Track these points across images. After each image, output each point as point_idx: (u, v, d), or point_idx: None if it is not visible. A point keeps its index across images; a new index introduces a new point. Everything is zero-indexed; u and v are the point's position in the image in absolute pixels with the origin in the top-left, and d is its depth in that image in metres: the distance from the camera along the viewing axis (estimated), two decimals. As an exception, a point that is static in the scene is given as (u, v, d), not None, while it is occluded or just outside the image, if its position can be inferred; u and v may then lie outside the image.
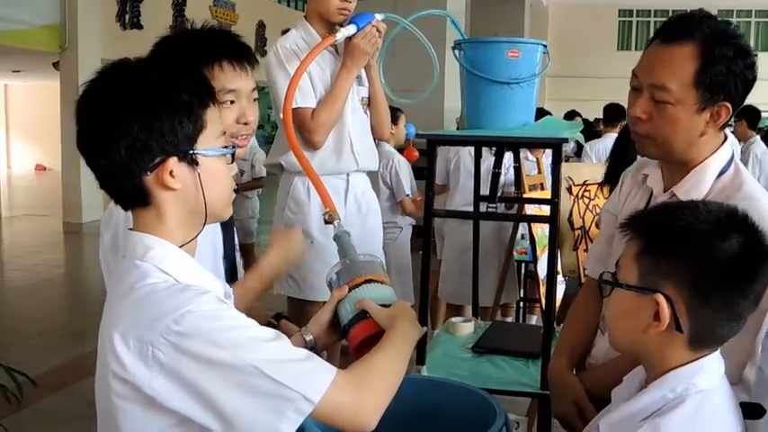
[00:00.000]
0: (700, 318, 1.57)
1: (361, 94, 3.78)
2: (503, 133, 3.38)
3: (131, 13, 16.38)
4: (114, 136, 1.58)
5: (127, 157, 1.58)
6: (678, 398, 1.58)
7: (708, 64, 2.01)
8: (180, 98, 1.62)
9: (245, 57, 2.23)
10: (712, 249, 1.53)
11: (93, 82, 1.64)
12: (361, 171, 3.82)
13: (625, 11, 33.52)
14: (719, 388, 1.63)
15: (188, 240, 1.69)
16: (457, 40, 3.46)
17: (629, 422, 1.62)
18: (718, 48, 2.02)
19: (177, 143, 1.61)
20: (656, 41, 2.10)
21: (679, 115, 2.06)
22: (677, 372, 1.60)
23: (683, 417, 1.55)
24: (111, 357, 1.53)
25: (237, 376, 1.50)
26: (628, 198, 2.43)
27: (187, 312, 1.50)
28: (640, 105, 2.10)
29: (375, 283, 2.02)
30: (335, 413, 1.58)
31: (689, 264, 1.55)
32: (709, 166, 2.14)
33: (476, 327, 3.95)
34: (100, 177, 1.66)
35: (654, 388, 1.62)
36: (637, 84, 2.13)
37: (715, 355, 1.64)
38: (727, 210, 1.61)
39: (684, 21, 2.07)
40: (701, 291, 1.55)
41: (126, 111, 1.58)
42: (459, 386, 2.29)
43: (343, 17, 3.61)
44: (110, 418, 1.59)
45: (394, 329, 1.83)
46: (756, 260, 1.55)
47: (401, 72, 4.29)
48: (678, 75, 2.03)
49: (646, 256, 1.61)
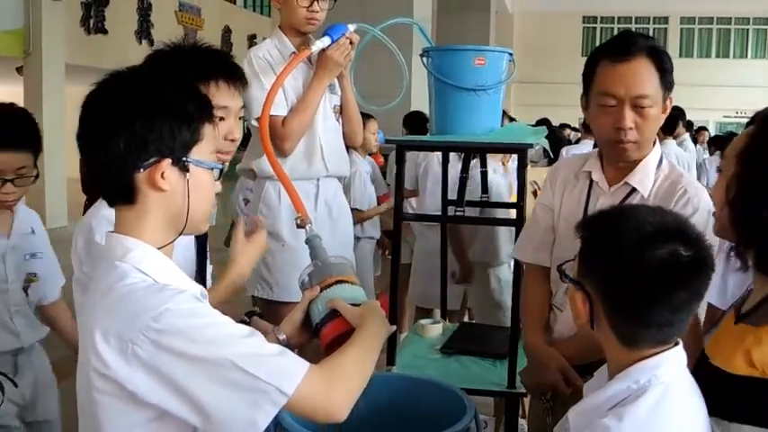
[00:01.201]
0: (617, 321, 1.68)
1: (333, 102, 3.84)
2: (469, 139, 3.45)
3: (96, 18, 16.33)
4: (117, 130, 1.65)
5: (124, 152, 1.65)
6: (641, 389, 1.66)
7: (663, 68, 2.45)
8: (185, 108, 1.71)
9: (238, 77, 2.31)
10: (625, 259, 1.63)
11: (105, 82, 1.73)
12: (332, 176, 3.88)
13: (589, 17, 33.88)
14: (681, 380, 1.71)
15: (166, 244, 1.75)
16: (425, 48, 3.53)
17: (596, 411, 1.70)
18: (662, 55, 2.47)
19: (173, 147, 1.69)
20: (608, 61, 2.45)
21: (656, 114, 2.46)
22: (641, 364, 1.68)
23: (646, 406, 1.63)
24: (92, 354, 1.59)
25: (214, 371, 1.56)
26: (565, 191, 2.71)
27: (165, 310, 1.57)
28: (629, 117, 2.43)
29: (345, 283, 2.08)
30: (308, 405, 1.65)
31: (603, 272, 1.68)
32: (651, 159, 2.54)
33: (444, 328, 4.03)
34: (94, 171, 1.72)
35: (619, 379, 1.70)
36: (613, 101, 2.44)
37: (677, 349, 1.72)
38: (665, 222, 1.69)
39: (628, 40, 2.46)
40: (613, 298, 1.67)
41: (133, 109, 1.66)
42: (431, 382, 2.37)
43: (313, 26, 3.68)
44: (91, 414, 1.65)
45: (364, 327, 1.89)
46: (672, 276, 1.62)
47: (371, 78, 4.34)
48: (651, 82, 2.43)
49: (581, 254, 1.75)
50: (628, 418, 1.61)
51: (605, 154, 2.60)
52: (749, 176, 1.86)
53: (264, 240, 2.44)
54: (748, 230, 1.87)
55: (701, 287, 1.67)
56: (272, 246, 3.66)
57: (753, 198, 1.84)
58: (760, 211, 1.82)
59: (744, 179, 1.87)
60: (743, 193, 1.87)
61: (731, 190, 1.90)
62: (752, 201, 1.84)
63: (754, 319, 1.84)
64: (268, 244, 3.07)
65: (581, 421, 1.75)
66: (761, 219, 1.82)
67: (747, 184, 1.86)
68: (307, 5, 3.61)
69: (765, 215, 1.82)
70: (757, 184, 1.84)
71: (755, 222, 1.83)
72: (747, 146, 1.92)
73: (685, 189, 2.48)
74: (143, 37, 18.00)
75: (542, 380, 2.58)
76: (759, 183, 1.84)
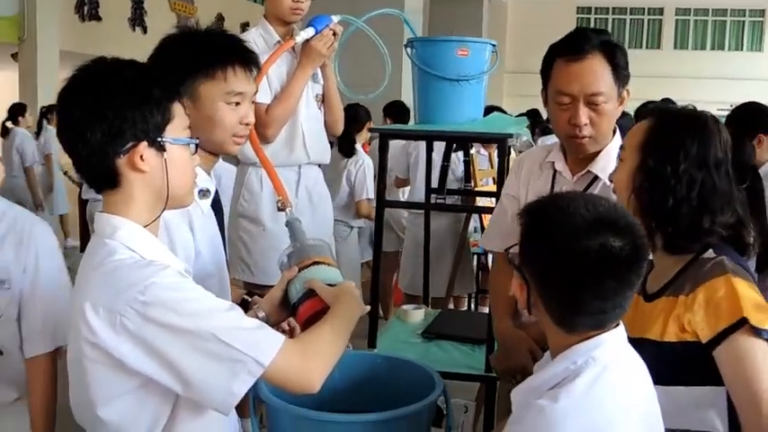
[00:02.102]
0: (552, 307, 1.73)
1: (315, 91, 3.91)
2: (452, 128, 3.55)
3: (90, 5, 16.33)
4: (92, 122, 1.74)
5: (102, 141, 1.75)
6: (578, 369, 1.70)
7: (616, 64, 2.52)
8: (151, 92, 1.79)
9: (254, 63, 2.35)
10: (557, 252, 1.68)
11: (74, 77, 1.81)
12: (313, 164, 3.96)
13: (583, 8, 33.68)
14: (621, 359, 1.75)
15: (151, 221, 1.85)
16: (409, 39, 3.61)
17: (536, 392, 1.74)
18: (615, 50, 2.54)
19: (147, 130, 1.78)
20: (564, 60, 2.54)
21: (611, 108, 2.55)
22: (579, 346, 1.73)
23: (581, 387, 1.67)
24: (83, 324, 1.69)
25: (196, 341, 1.66)
26: (530, 181, 2.78)
27: (151, 284, 1.67)
28: (583, 113, 2.51)
29: (323, 264, 2.17)
30: (283, 376, 1.75)
31: (539, 259, 1.73)
32: (612, 149, 2.59)
33: (426, 314, 4.13)
34: (77, 161, 1.82)
35: (558, 361, 1.76)
36: (568, 99, 2.53)
37: (618, 330, 1.77)
38: (602, 214, 1.72)
39: (581, 38, 2.54)
40: (546, 284, 1.73)
41: (104, 101, 1.75)
42: (403, 361, 2.45)
43: (298, 16, 3.76)
44: (81, 381, 1.75)
45: (338, 306, 1.98)
46: (604, 264, 1.67)
47: (359, 67, 4.41)
48: (605, 79, 2.51)
49: (521, 242, 1.79)
50: (563, 398, 1.65)
51: (565, 147, 2.69)
52: (653, 169, 2.05)
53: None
54: (657, 218, 2.05)
55: (633, 276, 1.70)
56: (253, 230, 3.77)
57: (659, 189, 2.03)
58: (666, 200, 2.01)
59: (647, 171, 2.06)
60: (649, 185, 2.05)
61: (635, 180, 2.08)
62: (658, 191, 2.03)
63: (674, 291, 2.01)
64: (248, 228, 3.14)
65: (521, 401, 1.80)
66: (667, 207, 2.02)
67: (652, 176, 2.05)
68: None
69: (672, 203, 2.01)
70: (661, 176, 2.03)
71: (663, 210, 2.03)
72: (648, 140, 2.09)
73: None
74: (136, 24, 18.01)
75: (512, 363, 2.62)
76: (662, 174, 2.03)
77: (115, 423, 1.75)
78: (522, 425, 1.70)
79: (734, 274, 1.91)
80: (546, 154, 2.79)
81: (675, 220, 2.02)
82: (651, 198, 2.04)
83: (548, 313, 1.75)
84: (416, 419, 2.11)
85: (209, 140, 2.27)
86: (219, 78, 2.24)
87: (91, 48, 15.72)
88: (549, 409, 1.63)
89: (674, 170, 2.01)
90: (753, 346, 1.86)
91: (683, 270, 2.03)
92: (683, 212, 2.01)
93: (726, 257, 1.97)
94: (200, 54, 2.25)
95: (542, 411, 1.64)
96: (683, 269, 2.03)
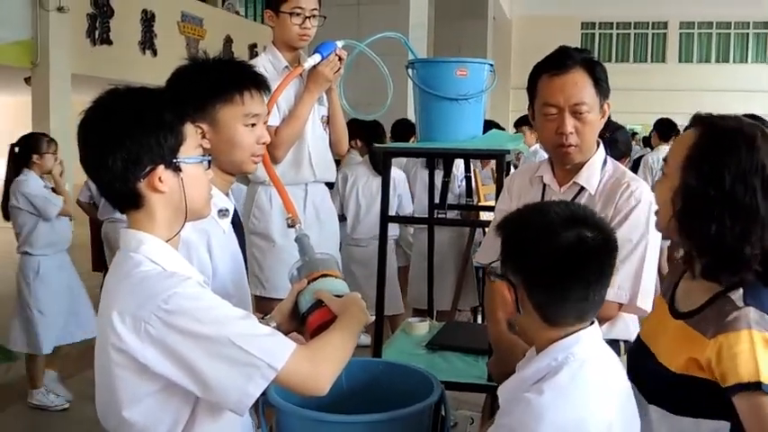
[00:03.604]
0: (539, 301, 1.88)
1: (321, 113, 4.08)
2: (452, 145, 3.69)
3: (101, 29, 16.42)
4: (112, 151, 1.90)
5: (123, 168, 1.90)
6: (559, 365, 1.87)
7: (597, 78, 2.69)
8: (164, 118, 1.94)
9: (266, 87, 2.51)
10: (539, 248, 1.85)
11: (91, 109, 1.96)
12: (319, 182, 4.12)
13: (587, 23, 33.81)
14: (598, 357, 1.92)
15: (173, 236, 2.01)
16: (410, 60, 3.75)
17: (521, 386, 1.91)
18: (595, 66, 2.70)
19: (163, 154, 1.93)
20: (548, 75, 2.70)
21: (594, 118, 2.70)
22: (558, 343, 1.89)
23: (563, 380, 1.83)
24: (111, 332, 1.84)
25: (214, 347, 1.81)
26: (521, 196, 2.90)
27: (174, 294, 1.82)
28: (569, 123, 2.66)
29: (330, 277, 2.32)
30: (294, 379, 1.90)
31: (522, 259, 1.89)
32: (596, 161, 2.78)
33: (431, 326, 4.25)
34: (101, 187, 1.99)
35: (541, 357, 1.92)
36: (554, 110, 2.68)
37: (592, 328, 1.94)
38: (572, 212, 1.92)
39: (563, 55, 2.70)
40: (532, 280, 1.87)
41: (120, 130, 1.90)
42: (405, 367, 2.57)
43: (305, 42, 3.94)
44: (109, 384, 1.90)
45: (345, 316, 2.14)
46: (582, 254, 1.85)
47: (366, 87, 4.55)
48: (587, 90, 2.67)
49: (502, 251, 1.95)
50: (547, 391, 1.81)
51: (553, 158, 2.85)
52: (695, 191, 1.94)
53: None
54: (697, 245, 1.99)
55: (607, 266, 1.89)
56: (264, 246, 3.92)
57: (701, 214, 1.93)
58: (709, 227, 1.92)
59: (690, 193, 1.96)
60: (692, 209, 1.95)
61: (676, 202, 1.98)
62: (700, 217, 1.93)
63: (699, 324, 1.95)
64: (259, 244, 3.27)
65: (508, 396, 1.96)
66: (710, 235, 1.92)
67: (694, 199, 1.94)
68: (299, 23, 3.86)
69: (714, 231, 1.91)
70: (704, 199, 1.92)
71: (705, 238, 1.94)
72: (692, 156, 1.98)
73: (628, 184, 2.70)
74: (146, 47, 18.14)
75: (508, 367, 2.73)
76: (706, 198, 1.92)
77: (140, 423, 1.90)
78: (510, 417, 1.84)
79: (758, 329, 1.83)
80: (536, 169, 2.94)
81: (717, 250, 1.93)
82: (693, 224, 1.96)
83: (535, 310, 1.89)
84: (416, 421, 2.22)
85: (229, 161, 2.44)
86: (237, 102, 2.39)
87: (102, 71, 15.91)
88: (536, 402, 1.79)
89: (718, 194, 1.90)
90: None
91: (711, 302, 1.96)
92: (725, 242, 1.91)
93: (753, 308, 1.86)
94: (216, 81, 2.40)
95: (529, 404, 1.80)
96: (711, 301, 1.96)
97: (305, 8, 3.85)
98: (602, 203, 2.68)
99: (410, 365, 2.57)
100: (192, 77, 2.43)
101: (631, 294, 2.58)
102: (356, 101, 4.09)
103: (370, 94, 4.43)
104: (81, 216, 7.65)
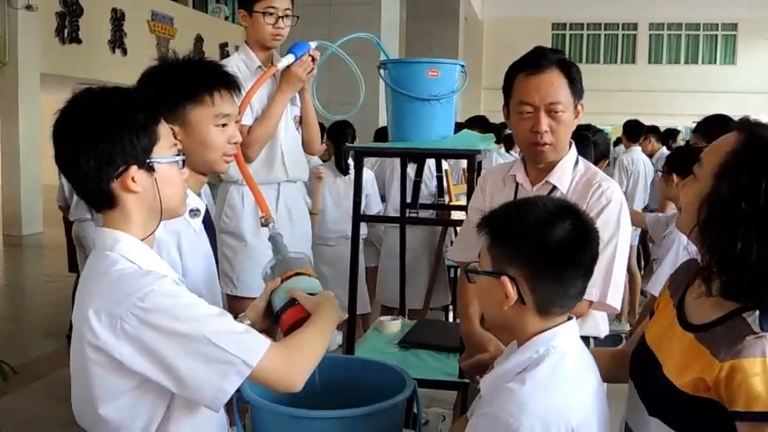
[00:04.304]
0: (540, 291, 1.92)
1: (294, 113, 4.11)
2: (423, 145, 3.72)
3: (70, 28, 16.32)
4: (85, 151, 1.91)
5: (96, 168, 1.92)
6: (540, 357, 1.92)
7: (572, 78, 2.75)
8: (137, 118, 1.96)
9: (236, 87, 2.53)
10: (541, 237, 1.90)
11: (65, 109, 1.97)
12: (292, 181, 4.14)
13: (558, 24, 33.98)
14: (575, 350, 1.99)
15: (148, 234, 2.03)
16: (382, 61, 3.78)
17: (504, 378, 1.95)
18: (570, 66, 2.77)
19: (136, 154, 1.94)
20: (524, 74, 2.75)
21: (568, 118, 2.76)
22: (539, 337, 1.95)
23: (545, 371, 1.89)
24: (87, 329, 1.85)
25: (190, 344, 1.84)
26: (494, 195, 2.95)
27: (150, 292, 1.84)
28: (544, 121, 2.73)
29: (304, 275, 2.35)
30: (268, 376, 1.93)
31: (524, 250, 1.92)
32: (568, 161, 2.85)
33: (403, 325, 4.27)
34: (76, 186, 2.00)
35: (522, 350, 1.97)
36: (530, 109, 2.74)
37: (571, 323, 2.00)
38: (559, 203, 2.01)
39: (539, 55, 2.76)
40: (537, 270, 1.91)
41: (93, 131, 1.92)
42: (377, 363, 2.61)
43: (278, 41, 3.96)
44: (85, 381, 1.92)
45: (318, 313, 2.17)
46: (579, 241, 1.92)
47: (339, 87, 4.58)
48: (562, 90, 2.73)
49: (494, 247, 1.98)
50: (529, 381, 1.86)
51: (527, 157, 2.90)
52: (726, 202, 1.81)
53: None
54: (719, 260, 1.84)
55: (596, 252, 1.98)
56: (235, 245, 3.94)
57: (728, 228, 1.81)
58: (734, 243, 1.79)
59: (719, 203, 1.83)
60: (719, 221, 1.83)
61: (703, 210, 1.86)
62: (727, 231, 1.81)
63: (710, 342, 1.85)
64: (231, 243, 3.30)
65: (490, 387, 2.00)
66: (735, 251, 1.79)
67: (723, 211, 1.82)
68: (272, 23, 3.88)
69: (740, 248, 1.79)
70: (734, 213, 1.79)
71: (728, 254, 1.81)
72: (728, 164, 1.84)
73: (600, 184, 2.77)
74: (116, 46, 18.06)
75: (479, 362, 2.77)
76: (736, 211, 1.79)
77: (115, 420, 1.92)
78: (493, 406, 1.87)
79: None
80: (508, 168, 2.98)
81: (739, 270, 1.81)
82: (717, 237, 1.84)
83: (534, 301, 1.93)
84: (389, 416, 2.26)
85: (201, 161, 2.46)
86: (207, 103, 2.41)
87: (72, 70, 15.82)
88: (518, 391, 1.84)
89: (750, 209, 1.77)
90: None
91: (723, 319, 1.85)
92: (749, 263, 1.78)
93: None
94: (186, 82, 2.42)
95: (512, 393, 1.84)
96: (724, 318, 1.85)
97: (278, 8, 3.87)
98: (574, 202, 2.68)
99: (383, 362, 2.59)
100: (161, 79, 2.44)
101: (601, 292, 2.62)
102: (329, 101, 4.12)
103: (342, 95, 4.45)
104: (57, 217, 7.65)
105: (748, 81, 31.92)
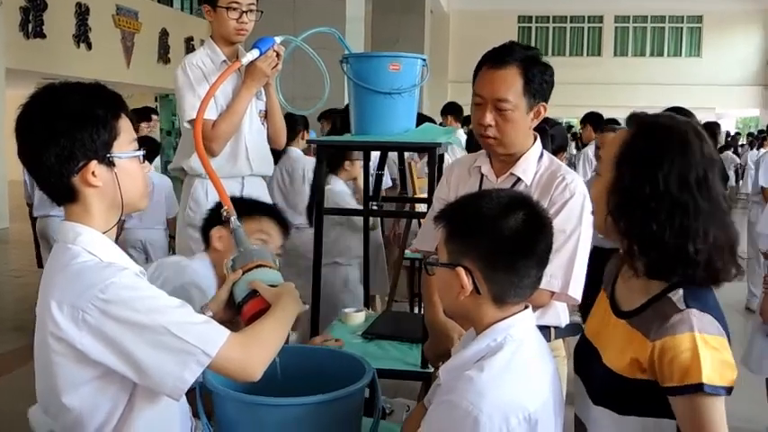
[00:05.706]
0: (495, 281, 1.97)
1: (258, 107, 4.15)
2: (385, 139, 3.76)
3: (34, 23, 16.19)
4: (45, 146, 1.95)
5: (57, 163, 1.96)
6: (498, 345, 1.97)
7: (529, 79, 2.72)
8: (97, 113, 1.99)
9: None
10: (494, 229, 1.94)
11: (27, 104, 2.01)
12: (256, 175, 4.19)
13: (524, 17, 34.07)
14: (531, 338, 2.04)
15: (109, 228, 2.07)
16: (344, 55, 3.81)
17: (463, 366, 1.99)
18: (533, 66, 2.74)
19: (96, 149, 1.98)
20: (486, 67, 2.77)
21: (516, 117, 2.74)
22: (497, 325, 1.99)
23: (503, 359, 1.94)
24: (49, 321, 1.90)
25: (150, 335, 1.88)
26: (459, 186, 2.99)
27: (111, 284, 1.88)
28: (488, 115, 2.74)
29: (265, 267, 2.38)
30: (228, 365, 1.97)
31: (478, 242, 1.97)
32: (531, 153, 2.87)
33: (367, 316, 4.33)
34: (38, 181, 2.03)
35: (480, 338, 2.01)
36: (480, 100, 2.77)
37: (527, 312, 2.05)
38: (512, 195, 2.06)
39: (505, 50, 2.76)
40: (491, 260, 1.96)
41: (54, 126, 1.95)
42: (337, 352, 2.67)
43: (242, 36, 4.00)
44: (48, 372, 1.96)
45: (278, 304, 2.21)
46: (532, 231, 1.97)
47: (304, 81, 4.60)
48: (512, 89, 2.72)
49: (450, 239, 2.03)
50: (488, 369, 1.91)
51: None
52: (629, 189, 1.96)
53: None
54: (639, 242, 1.97)
55: (551, 243, 2.02)
56: (199, 238, 3.94)
57: (638, 211, 1.94)
58: (649, 224, 1.92)
59: (624, 191, 1.97)
60: (627, 206, 1.96)
61: (611, 200, 2.00)
62: (638, 214, 1.94)
63: (641, 325, 1.97)
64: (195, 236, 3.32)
65: (449, 375, 2.04)
66: (651, 232, 1.92)
67: (629, 197, 1.95)
68: (236, 18, 3.92)
69: (655, 228, 1.92)
70: (640, 197, 1.93)
71: (646, 235, 1.94)
72: (624, 154, 1.99)
73: (563, 177, 2.80)
74: (81, 41, 17.94)
75: (443, 349, 2.82)
76: (641, 195, 1.92)
77: (78, 409, 1.96)
78: (452, 393, 1.91)
79: (700, 332, 1.83)
80: (474, 160, 3.03)
81: (660, 246, 1.93)
82: (630, 221, 1.97)
83: (490, 291, 1.98)
84: (349, 403, 2.30)
85: None
86: None
87: (36, 65, 15.71)
88: (477, 379, 1.89)
89: (653, 191, 1.91)
90: (708, 406, 1.84)
91: (651, 302, 1.98)
92: (666, 239, 1.91)
93: (695, 309, 1.87)
94: None
95: (471, 380, 1.89)
96: (651, 301, 1.98)
97: (242, 3, 3.91)
98: (538, 195, 2.72)
99: (342, 351, 2.64)
100: None
101: (563, 283, 2.66)
102: (293, 95, 4.14)
103: (307, 89, 4.48)
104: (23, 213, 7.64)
105: (714, 73, 32.26)
